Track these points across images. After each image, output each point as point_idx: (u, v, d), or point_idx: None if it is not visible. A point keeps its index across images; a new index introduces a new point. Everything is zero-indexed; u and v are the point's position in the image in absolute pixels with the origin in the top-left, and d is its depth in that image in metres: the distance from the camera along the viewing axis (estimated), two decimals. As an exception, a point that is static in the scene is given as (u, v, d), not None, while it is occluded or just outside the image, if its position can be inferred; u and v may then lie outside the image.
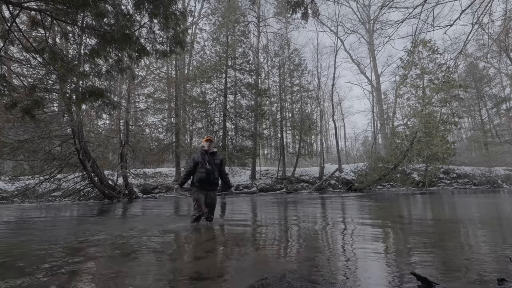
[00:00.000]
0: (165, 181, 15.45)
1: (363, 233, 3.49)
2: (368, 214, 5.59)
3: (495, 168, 19.75)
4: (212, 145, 4.38)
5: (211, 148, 4.32)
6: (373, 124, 27.21)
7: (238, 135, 16.49)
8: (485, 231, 3.63)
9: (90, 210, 7.50)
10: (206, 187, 4.13)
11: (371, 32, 24.56)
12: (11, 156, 9.85)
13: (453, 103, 16.37)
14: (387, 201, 8.78)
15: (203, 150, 4.28)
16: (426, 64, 16.53)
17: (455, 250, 2.63)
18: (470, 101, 25.86)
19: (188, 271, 2.13)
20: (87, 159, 10.11)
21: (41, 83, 6.12)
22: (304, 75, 20.38)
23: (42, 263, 2.32)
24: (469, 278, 1.82)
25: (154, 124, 15.35)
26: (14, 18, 4.13)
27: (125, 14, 4.60)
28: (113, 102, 5.73)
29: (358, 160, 26.53)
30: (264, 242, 3.14)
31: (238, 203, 8.94)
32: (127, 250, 2.77)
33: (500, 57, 20.01)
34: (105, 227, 4.38)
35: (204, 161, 4.15)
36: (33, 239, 3.47)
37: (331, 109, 23.09)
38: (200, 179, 4.10)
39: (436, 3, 4.90)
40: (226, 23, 16.02)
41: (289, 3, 5.19)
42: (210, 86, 16.72)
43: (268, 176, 18.11)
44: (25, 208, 8.54)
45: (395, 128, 19.24)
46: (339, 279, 1.86)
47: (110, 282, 1.89)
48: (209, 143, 4.30)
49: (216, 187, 4.28)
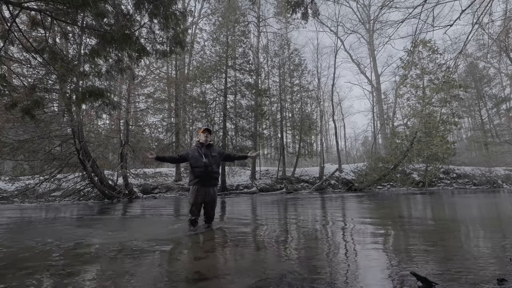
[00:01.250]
0: (165, 181, 15.45)
1: (363, 233, 3.49)
2: (368, 214, 5.59)
3: (495, 168, 19.74)
4: (210, 137, 3.96)
5: (208, 141, 3.90)
6: (373, 124, 27.22)
7: (238, 135, 16.49)
8: (485, 231, 3.63)
9: (90, 210, 7.50)
10: (205, 183, 3.75)
11: (371, 32, 24.56)
12: (11, 156, 9.84)
13: (453, 103, 16.36)
14: (387, 201, 8.78)
15: (199, 143, 3.92)
16: (426, 64, 16.53)
17: (455, 250, 2.63)
18: (470, 101, 25.85)
19: (188, 271, 2.13)
20: (87, 159, 10.11)
21: (41, 83, 6.11)
22: (304, 75, 20.39)
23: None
24: (469, 278, 1.82)
25: (154, 124, 15.35)
26: (14, 18, 4.13)
27: (125, 14, 4.60)
28: (113, 102, 5.73)
29: (358, 160, 26.54)
30: (264, 242, 3.14)
31: (238, 203, 8.94)
32: (127, 250, 2.77)
33: (500, 57, 20.01)
34: (106, 227, 4.38)
35: (200, 155, 3.76)
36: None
37: (331, 109, 23.11)
38: (198, 175, 3.72)
39: (436, 3, 4.90)
40: (226, 23, 16.02)
41: (289, 3, 5.19)
42: (210, 86, 16.72)
43: (268, 176, 18.11)
44: (24, 208, 8.53)
45: (395, 128, 19.24)
46: (339, 279, 1.86)
47: (110, 281, 1.89)
48: (206, 133, 3.90)
49: (216, 182, 3.89)
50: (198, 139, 4.01)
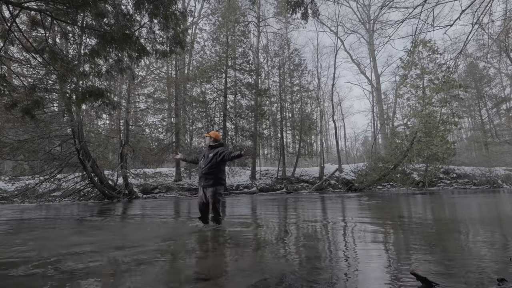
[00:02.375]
0: (165, 181, 15.45)
1: (363, 233, 3.49)
2: (368, 214, 5.59)
3: (495, 168, 19.74)
4: (209, 140, 4.22)
5: (207, 143, 4.25)
6: (373, 124, 27.22)
7: (238, 135, 16.49)
8: (485, 231, 3.62)
9: (90, 210, 7.50)
10: (200, 183, 4.09)
11: (371, 32, 24.55)
12: (11, 156, 9.84)
13: (453, 103, 16.36)
14: (387, 201, 8.78)
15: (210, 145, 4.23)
16: (426, 64, 16.53)
17: (455, 250, 2.63)
18: (470, 101, 25.84)
19: (188, 271, 2.13)
20: (87, 159, 10.11)
21: (41, 83, 6.11)
22: (304, 75, 20.39)
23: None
24: (469, 278, 1.81)
25: (154, 124, 15.35)
26: (14, 18, 4.13)
27: (125, 14, 4.60)
28: (113, 102, 5.73)
29: (358, 160, 26.53)
30: (264, 242, 3.14)
31: (238, 203, 8.94)
32: (128, 250, 2.77)
33: (500, 57, 20.00)
34: (106, 229, 4.37)
35: (202, 156, 4.17)
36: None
37: (331, 109, 23.11)
38: (198, 176, 4.14)
39: (436, 3, 4.90)
40: (226, 23, 16.02)
41: (289, 3, 5.19)
42: (210, 86, 16.72)
43: (268, 176, 18.11)
44: (22, 208, 8.53)
45: (395, 128, 19.24)
46: (339, 279, 1.86)
47: (110, 280, 1.89)
48: (206, 136, 4.31)
49: (208, 183, 3.93)
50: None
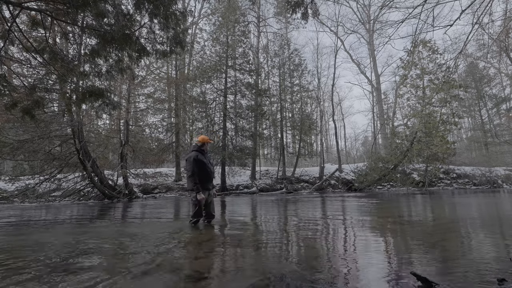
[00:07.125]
0: (165, 181, 15.45)
1: (363, 233, 3.49)
2: (368, 214, 5.59)
3: (495, 168, 19.73)
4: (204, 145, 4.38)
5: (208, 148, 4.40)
6: (373, 124, 27.24)
7: (238, 135, 16.47)
8: (485, 231, 3.62)
9: (91, 210, 7.50)
10: (209, 186, 4.18)
11: (371, 32, 24.55)
12: (11, 156, 9.84)
13: (453, 103, 16.33)
14: (387, 201, 8.78)
15: (201, 149, 4.21)
16: (426, 64, 16.51)
17: (455, 250, 2.63)
18: (470, 101, 25.85)
19: (188, 271, 2.13)
20: (87, 159, 10.11)
21: (41, 83, 6.10)
22: (304, 75, 20.37)
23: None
24: (469, 278, 1.82)
25: (154, 124, 15.34)
26: (14, 18, 4.13)
27: (125, 14, 4.60)
28: (113, 102, 5.73)
29: (358, 160, 26.53)
30: (264, 242, 3.14)
31: (238, 203, 8.94)
32: (127, 250, 2.77)
33: (500, 57, 20.01)
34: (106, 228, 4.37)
35: (208, 161, 4.22)
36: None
37: (331, 109, 23.12)
38: (204, 179, 4.08)
39: (436, 3, 4.90)
40: (226, 23, 16.01)
41: (289, 3, 5.19)
42: (210, 86, 16.70)
43: (268, 176, 18.11)
44: (21, 208, 8.53)
45: (395, 128, 19.21)
46: (339, 279, 1.86)
47: (109, 277, 1.88)
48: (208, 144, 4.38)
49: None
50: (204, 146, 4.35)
